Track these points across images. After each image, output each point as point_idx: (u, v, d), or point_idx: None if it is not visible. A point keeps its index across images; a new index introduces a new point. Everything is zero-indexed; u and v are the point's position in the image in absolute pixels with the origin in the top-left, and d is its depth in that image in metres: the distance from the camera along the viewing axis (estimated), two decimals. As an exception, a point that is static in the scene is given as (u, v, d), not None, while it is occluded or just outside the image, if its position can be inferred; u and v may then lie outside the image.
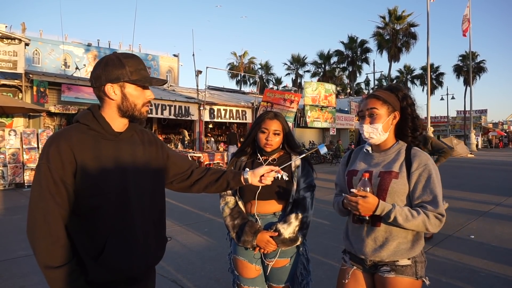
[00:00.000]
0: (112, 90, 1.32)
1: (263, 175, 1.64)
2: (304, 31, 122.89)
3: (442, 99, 42.31)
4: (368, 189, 1.56)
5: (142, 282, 1.43)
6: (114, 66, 1.31)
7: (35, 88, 11.43)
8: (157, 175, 1.48)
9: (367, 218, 1.59)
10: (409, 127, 1.70)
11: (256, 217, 1.98)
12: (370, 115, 1.68)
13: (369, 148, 1.77)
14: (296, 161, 1.98)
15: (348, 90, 43.82)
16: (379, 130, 1.66)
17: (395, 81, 46.76)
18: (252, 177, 1.65)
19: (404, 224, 1.52)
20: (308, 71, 45.69)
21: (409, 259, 1.61)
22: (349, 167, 1.82)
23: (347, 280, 1.72)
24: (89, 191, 1.26)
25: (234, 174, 1.67)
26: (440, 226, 1.55)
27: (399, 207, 1.54)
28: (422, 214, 1.53)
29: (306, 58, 45.70)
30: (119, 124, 1.37)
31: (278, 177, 1.75)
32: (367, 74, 55.57)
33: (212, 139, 17.11)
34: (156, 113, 14.49)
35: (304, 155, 1.89)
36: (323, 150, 1.87)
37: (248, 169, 1.70)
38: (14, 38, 11.56)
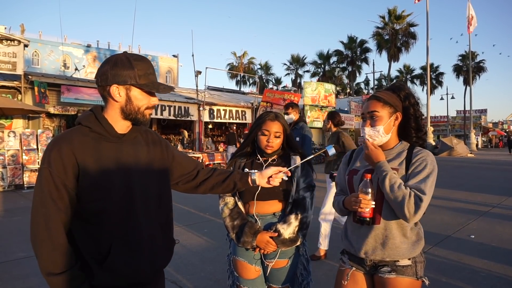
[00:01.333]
0: (117, 91, 1.28)
1: (271, 176, 1.62)
2: (303, 31, 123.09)
3: (442, 98, 42.32)
4: (369, 190, 1.56)
5: (150, 286, 1.40)
6: (123, 67, 1.27)
7: (36, 89, 11.43)
8: (163, 176, 1.45)
9: (368, 219, 1.58)
10: (412, 127, 1.69)
11: (256, 217, 1.97)
12: (371, 117, 1.67)
13: None
14: (298, 163, 1.97)
15: (348, 90, 43.83)
16: (381, 132, 1.65)
17: (394, 81, 46.71)
18: (260, 178, 1.63)
19: (387, 189, 1.53)
20: (307, 71, 45.78)
21: (409, 259, 1.61)
22: (350, 166, 1.81)
23: (346, 282, 1.71)
24: (93, 195, 1.24)
25: (241, 175, 1.64)
26: (416, 211, 1.50)
27: (394, 175, 1.55)
28: (406, 190, 1.52)
29: (305, 58, 45.82)
30: (122, 126, 1.34)
31: None
32: (366, 74, 55.67)
33: (208, 139, 17.09)
34: (156, 114, 14.48)
35: (311, 156, 1.87)
36: (331, 151, 1.85)
37: (256, 170, 1.68)
38: (13, 40, 11.55)
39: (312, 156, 1.87)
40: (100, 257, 1.25)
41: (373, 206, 1.57)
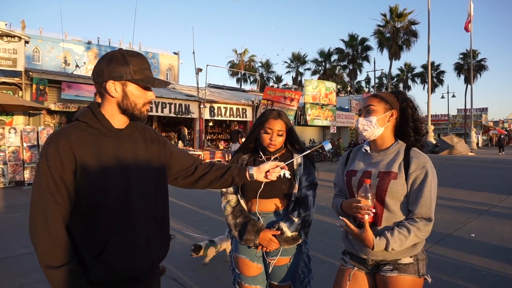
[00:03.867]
0: (113, 87, 1.30)
1: (268, 171, 1.63)
2: (304, 29, 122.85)
3: (442, 97, 42.35)
4: (369, 195, 1.55)
5: (145, 281, 1.41)
6: (118, 63, 1.29)
7: (34, 86, 11.43)
8: (160, 172, 1.47)
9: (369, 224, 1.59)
10: (410, 127, 1.70)
11: (258, 215, 1.97)
12: (367, 111, 1.71)
13: (368, 148, 1.76)
14: (298, 159, 1.97)
15: (349, 88, 43.78)
16: (373, 123, 1.67)
17: (395, 79, 46.72)
18: (258, 173, 1.63)
19: (401, 249, 1.57)
20: (308, 69, 45.75)
21: (411, 257, 1.61)
22: (347, 167, 1.81)
23: (348, 282, 1.71)
24: (90, 189, 1.25)
25: (239, 170, 1.65)
26: (429, 231, 1.58)
27: (391, 237, 1.55)
28: (412, 229, 1.55)
29: (306, 56, 45.80)
30: (119, 120, 1.35)
31: (280, 175, 1.75)
32: (367, 72, 55.49)
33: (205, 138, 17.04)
34: (156, 111, 14.49)
35: (308, 151, 1.88)
36: (328, 146, 1.86)
37: (253, 166, 1.68)
38: (13, 36, 11.52)
39: (310, 150, 1.88)
40: (96, 252, 1.26)
41: (374, 211, 1.58)
